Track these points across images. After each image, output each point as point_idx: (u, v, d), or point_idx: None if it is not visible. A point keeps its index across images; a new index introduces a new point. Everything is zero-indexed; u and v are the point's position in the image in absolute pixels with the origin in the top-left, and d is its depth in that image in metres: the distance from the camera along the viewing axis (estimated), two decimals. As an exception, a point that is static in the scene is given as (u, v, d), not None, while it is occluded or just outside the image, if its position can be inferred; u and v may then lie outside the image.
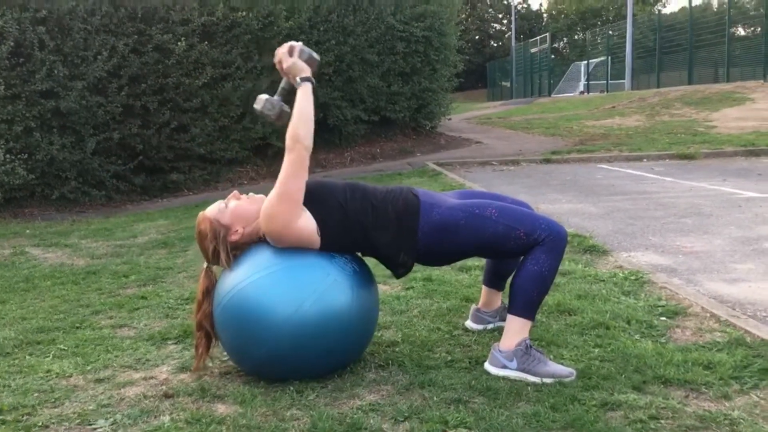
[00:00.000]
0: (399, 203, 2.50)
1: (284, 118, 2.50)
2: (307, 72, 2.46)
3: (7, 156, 7.90)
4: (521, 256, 2.49)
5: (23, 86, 8.18)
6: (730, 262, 4.07)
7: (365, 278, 2.54)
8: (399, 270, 2.56)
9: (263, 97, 2.52)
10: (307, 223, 2.41)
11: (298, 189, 2.37)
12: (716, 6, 28.40)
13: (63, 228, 6.86)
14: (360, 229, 2.47)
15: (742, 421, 2.05)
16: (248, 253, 2.49)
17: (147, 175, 9.23)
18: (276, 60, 2.50)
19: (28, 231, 6.71)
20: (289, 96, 2.54)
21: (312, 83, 2.46)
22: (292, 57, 2.47)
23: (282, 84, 2.54)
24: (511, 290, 2.48)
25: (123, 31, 8.80)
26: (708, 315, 3.02)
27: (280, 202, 2.37)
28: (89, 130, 8.62)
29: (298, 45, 2.50)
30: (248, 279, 2.38)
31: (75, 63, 8.52)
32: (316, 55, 2.53)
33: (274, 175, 2.37)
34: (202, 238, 2.51)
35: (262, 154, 10.15)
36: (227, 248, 2.48)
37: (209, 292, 2.52)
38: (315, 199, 2.45)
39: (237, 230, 2.48)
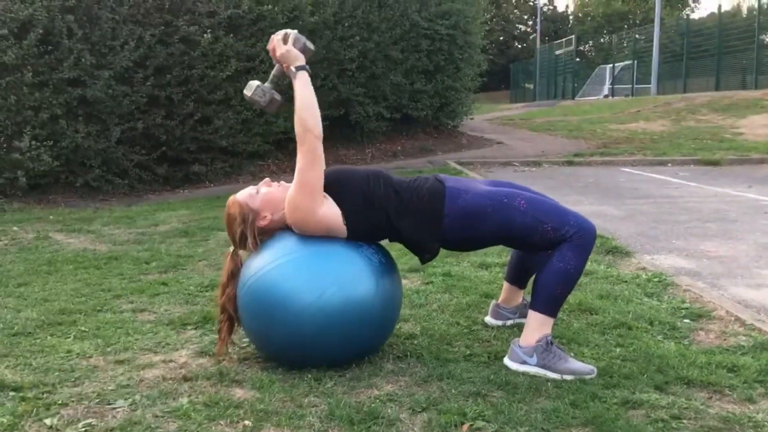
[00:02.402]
0: (423, 190, 2.49)
1: (274, 106, 2.50)
2: (301, 60, 2.44)
3: (33, 143, 7.97)
4: (548, 250, 2.46)
5: (51, 74, 8.25)
6: (755, 268, 4.01)
7: (390, 271, 2.54)
8: (425, 255, 2.56)
9: (254, 83, 2.50)
10: (330, 211, 2.42)
11: (316, 178, 2.38)
12: (745, 12, 28.05)
13: (86, 215, 6.92)
14: (384, 216, 2.46)
15: (766, 423, 2.01)
16: (275, 238, 2.50)
17: (169, 165, 9.27)
18: (270, 47, 2.48)
19: (51, 217, 6.78)
20: (280, 84, 2.51)
21: (308, 71, 2.45)
22: (286, 45, 2.45)
23: (274, 71, 2.52)
24: (534, 286, 2.46)
25: (150, 22, 8.85)
26: (732, 318, 2.98)
27: (300, 192, 2.39)
28: (114, 119, 8.67)
29: (293, 33, 2.47)
30: (274, 263, 2.39)
31: (102, 52, 8.58)
32: (310, 45, 2.50)
33: (295, 170, 2.39)
34: (231, 221, 2.53)
35: (283, 149, 10.15)
36: (254, 233, 2.50)
37: (234, 275, 2.53)
38: (337, 187, 2.46)
39: (266, 216, 2.49)
